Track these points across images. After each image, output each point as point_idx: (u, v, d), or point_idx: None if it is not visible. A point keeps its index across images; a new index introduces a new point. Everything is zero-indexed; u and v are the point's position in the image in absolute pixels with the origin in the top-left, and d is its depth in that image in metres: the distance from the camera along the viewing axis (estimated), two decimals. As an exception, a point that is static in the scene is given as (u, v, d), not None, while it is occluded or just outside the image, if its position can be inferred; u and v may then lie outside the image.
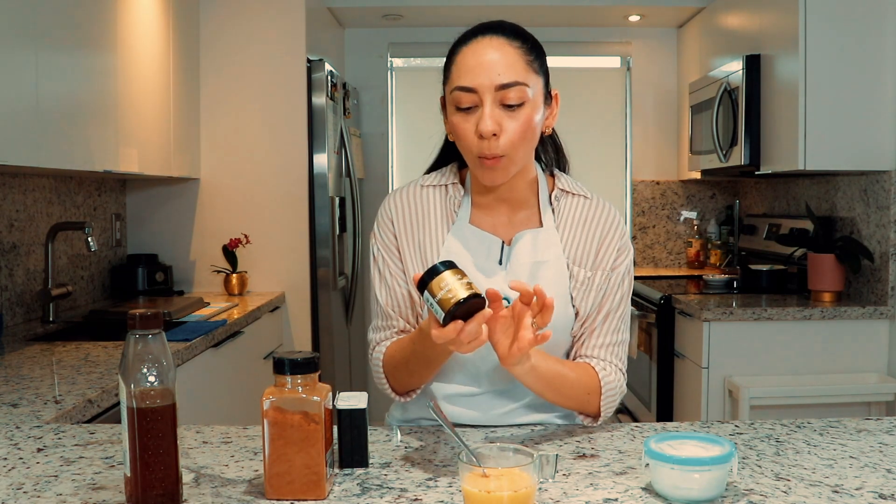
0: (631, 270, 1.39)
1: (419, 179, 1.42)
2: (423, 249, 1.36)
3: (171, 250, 3.54)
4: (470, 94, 1.24)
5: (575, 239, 1.36)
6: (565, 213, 1.37)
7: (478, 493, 0.92)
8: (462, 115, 1.26)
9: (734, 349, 2.97)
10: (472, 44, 1.26)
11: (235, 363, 2.82)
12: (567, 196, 1.39)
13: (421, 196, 1.39)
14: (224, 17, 3.49)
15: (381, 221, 1.40)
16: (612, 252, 1.36)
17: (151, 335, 0.94)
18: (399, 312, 1.37)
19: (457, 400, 1.37)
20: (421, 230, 1.37)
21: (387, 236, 1.38)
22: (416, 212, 1.38)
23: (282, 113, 3.51)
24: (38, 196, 2.78)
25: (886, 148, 2.90)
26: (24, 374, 1.87)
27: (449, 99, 1.28)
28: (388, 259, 1.38)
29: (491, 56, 1.23)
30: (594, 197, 1.40)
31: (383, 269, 1.38)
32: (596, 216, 1.37)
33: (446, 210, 1.37)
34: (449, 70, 1.29)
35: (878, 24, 2.87)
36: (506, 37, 1.26)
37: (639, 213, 4.61)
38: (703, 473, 0.98)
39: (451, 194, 1.39)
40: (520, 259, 1.33)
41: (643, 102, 4.61)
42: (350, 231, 3.95)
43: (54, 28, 2.24)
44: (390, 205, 1.39)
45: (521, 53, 1.25)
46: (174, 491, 0.96)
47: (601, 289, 1.35)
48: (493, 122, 1.22)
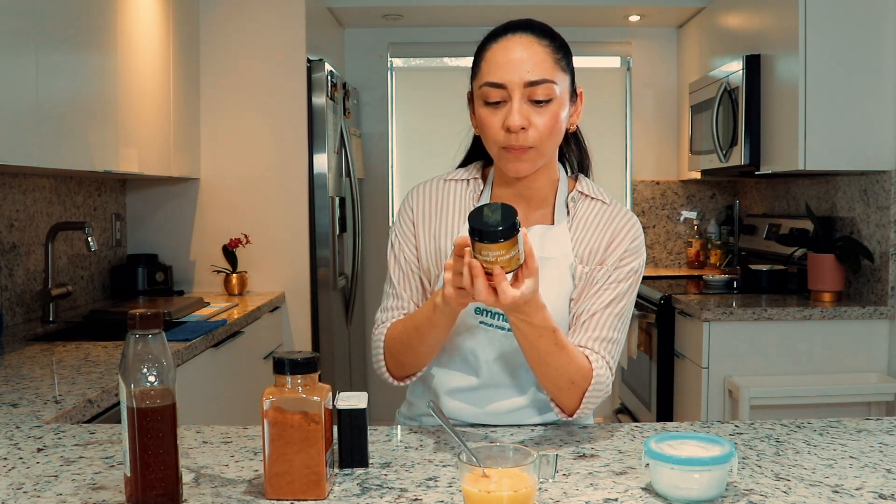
0: (639, 274, 1.38)
1: (443, 174, 1.46)
2: (437, 239, 1.39)
3: (171, 250, 3.54)
4: (499, 90, 1.27)
5: (585, 238, 1.36)
6: (580, 215, 1.38)
7: (478, 493, 0.92)
8: (490, 109, 1.29)
9: (734, 349, 2.97)
10: (501, 41, 1.30)
11: (235, 363, 2.82)
12: (585, 199, 1.40)
13: (443, 189, 1.43)
14: (224, 17, 3.49)
15: (403, 211, 1.44)
16: (619, 251, 1.36)
17: (151, 335, 0.94)
18: (410, 295, 1.40)
19: (456, 394, 1.38)
20: (438, 220, 1.40)
21: (406, 224, 1.43)
22: (436, 203, 1.42)
23: (282, 113, 3.51)
24: (38, 196, 2.78)
25: (886, 148, 2.90)
26: (24, 374, 1.87)
27: (477, 94, 1.31)
28: (405, 245, 1.42)
29: (520, 53, 1.27)
30: (613, 203, 1.40)
31: (398, 254, 1.42)
32: (610, 219, 1.38)
33: (465, 203, 1.41)
34: (478, 66, 1.32)
35: (878, 24, 2.87)
36: (535, 35, 1.30)
37: (639, 213, 4.61)
38: (703, 473, 0.98)
39: (471, 188, 1.42)
40: None
41: (643, 102, 4.61)
42: (350, 231, 3.95)
43: (54, 28, 2.24)
44: (413, 197, 1.44)
45: (550, 52, 1.29)
46: (174, 491, 0.96)
47: (598, 283, 1.34)
48: (521, 117, 1.26)
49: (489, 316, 1.33)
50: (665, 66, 4.59)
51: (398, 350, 1.35)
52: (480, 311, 1.33)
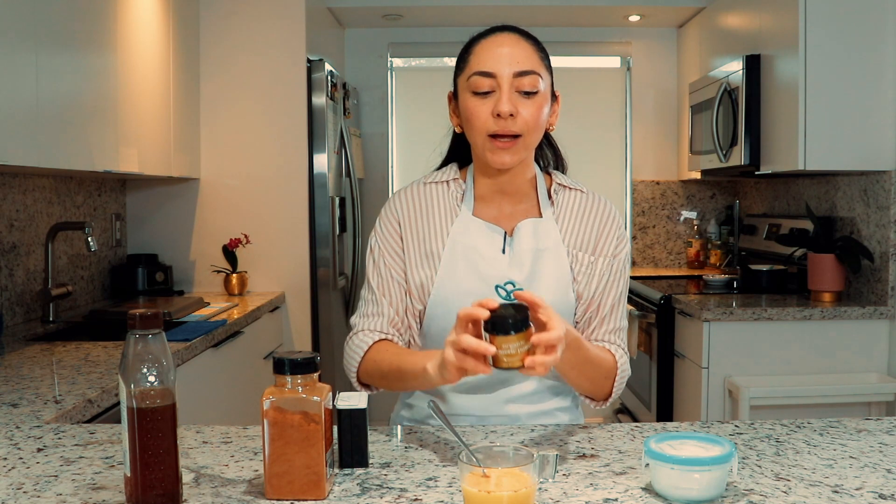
0: (629, 258, 1.47)
1: (421, 178, 1.48)
2: (427, 243, 1.41)
3: (171, 250, 3.54)
4: (488, 79, 1.32)
5: (574, 228, 1.43)
6: (564, 206, 1.44)
7: (478, 493, 0.92)
8: (479, 98, 1.33)
9: (734, 349, 2.97)
10: (490, 37, 1.36)
11: (235, 363, 2.82)
12: (564, 190, 1.46)
13: (424, 192, 1.45)
14: (224, 17, 3.49)
15: (385, 217, 1.45)
16: (612, 240, 1.43)
17: (151, 335, 0.94)
18: (390, 301, 1.41)
19: (464, 390, 1.40)
20: (426, 224, 1.42)
21: (387, 230, 1.44)
22: (419, 207, 1.43)
23: (282, 113, 3.51)
24: (38, 196, 2.78)
25: (886, 148, 2.90)
26: (24, 374, 1.87)
27: (464, 86, 1.35)
28: (385, 250, 1.43)
29: (510, 46, 1.33)
30: (589, 192, 1.47)
31: (378, 258, 1.43)
32: (593, 208, 1.45)
33: (449, 204, 1.43)
34: (465, 60, 1.37)
35: (878, 24, 2.87)
36: (520, 34, 1.36)
37: (639, 213, 4.61)
38: (703, 473, 0.98)
39: (452, 189, 1.44)
40: (522, 247, 1.39)
41: (643, 102, 4.61)
42: (350, 231, 3.95)
43: (54, 28, 2.24)
44: (395, 203, 1.45)
45: (534, 49, 1.36)
46: (174, 491, 0.96)
47: (604, 275, 1.42)
48: (510, 104, 1.30)
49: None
50: (665, 66, 4.59)
51: (375, 376, 1.38)
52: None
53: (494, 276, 1.37)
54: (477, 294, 1.32)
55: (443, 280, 1.38)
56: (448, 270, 1.38)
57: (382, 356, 1.36)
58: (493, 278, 1.37)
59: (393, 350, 1.37)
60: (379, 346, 1.38)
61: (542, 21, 4.36)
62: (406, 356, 1.32)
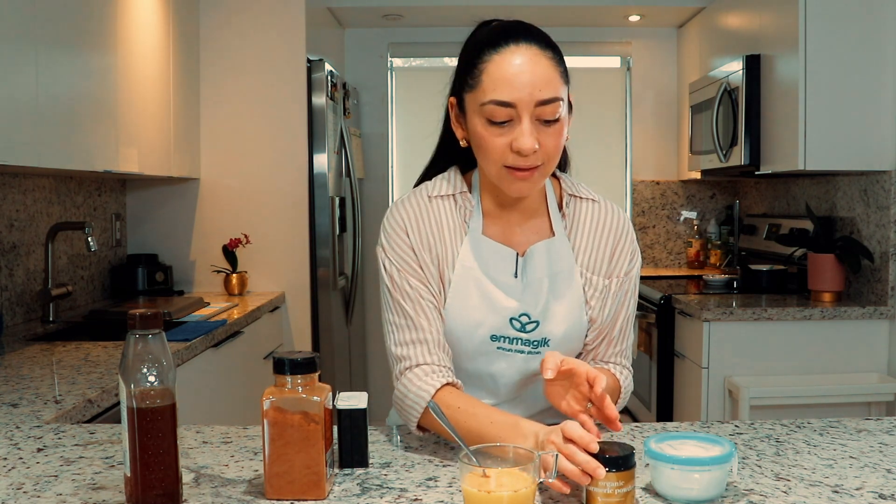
0: (639, 272, 1.41)
1: (424, 189, 1.35)
2: (435, 263, 1.30)
3: (171, 250, 3.54)
4: (507, 109, 1.18)
5: (589, 246, 1.34)
6: (576, 219, 1.35)
7: (478, 493, 0.92)
8: (495, 128, 1.19)
9: (734, 349, 2.97)
10: (505, 52, 1.19)
11: (235, 363, 2.82)
12: (576, 200, 1.36)
13: (430, 208, 1.32)
14: (224, 18, 3.49)
15: (393, 234, 1.31)
16: (625, 257, 1.36)
17: (151, 335, 0.94)
18: (430, 323, 1.28)
19: None
20: (434, 243, 1.31)
21: (401, 248, 1.30)
22: (426, 224, 1.31)
23: (282, 113, 3.51)
24: (38, 196, 2.78)
25: (886, 148, 2.90)
26: (24, 374, 1.87)
27: (477, 110, 1.21)
28: (408, 272, 1.29)
29: (530, 69, 1.18)
30: (602, 200, 1.38)
31: (402, 283, 1.29)
32: (608, 222, 1.35)
33: (457, 221, 1.32)
34: (475, 77, 1.21)
35: (878, 24, 2.87)
36: (538, 45, 1.21)
37: (639, 213, 4.61)
38: (703, 473, 0.98)
39: (460, 204, 1.33)
40: (535, 272, 1.30)
41: (643, 102, 4.61)
42: (350, 231, 3.95)
43: (54, 28, 2.24)
44: (401, 216, 1.32)
45: (554, 64, 1.20)
46: (174, 491, 0.96)
47: (617, 296, 1.35)
48: (532, 139, 1.18)
49: (507, 342, 1.30)
50: (665, 66, 4.59)
51: (437, 429, 1.23)
52: (497, 338, 1.30)
53: (508, 307, 1.28)
54: (489, 326, 1.28)
55: (454, 307, 1.29)
56: (459, 297, 1.29)
57: (454, 414, 1.17)
58: (506, 310, 1.28)
59: (464, 407, 1.19)
60: (447, 399, 1.20)
61: (542, 21, 4.31)
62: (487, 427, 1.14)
